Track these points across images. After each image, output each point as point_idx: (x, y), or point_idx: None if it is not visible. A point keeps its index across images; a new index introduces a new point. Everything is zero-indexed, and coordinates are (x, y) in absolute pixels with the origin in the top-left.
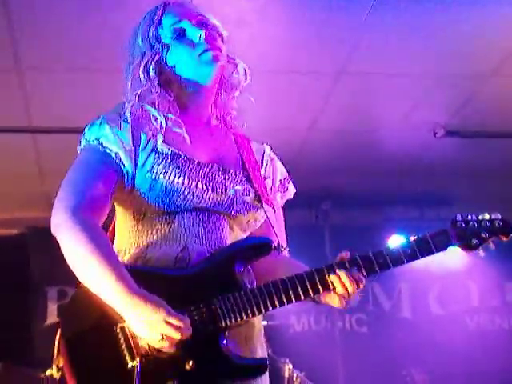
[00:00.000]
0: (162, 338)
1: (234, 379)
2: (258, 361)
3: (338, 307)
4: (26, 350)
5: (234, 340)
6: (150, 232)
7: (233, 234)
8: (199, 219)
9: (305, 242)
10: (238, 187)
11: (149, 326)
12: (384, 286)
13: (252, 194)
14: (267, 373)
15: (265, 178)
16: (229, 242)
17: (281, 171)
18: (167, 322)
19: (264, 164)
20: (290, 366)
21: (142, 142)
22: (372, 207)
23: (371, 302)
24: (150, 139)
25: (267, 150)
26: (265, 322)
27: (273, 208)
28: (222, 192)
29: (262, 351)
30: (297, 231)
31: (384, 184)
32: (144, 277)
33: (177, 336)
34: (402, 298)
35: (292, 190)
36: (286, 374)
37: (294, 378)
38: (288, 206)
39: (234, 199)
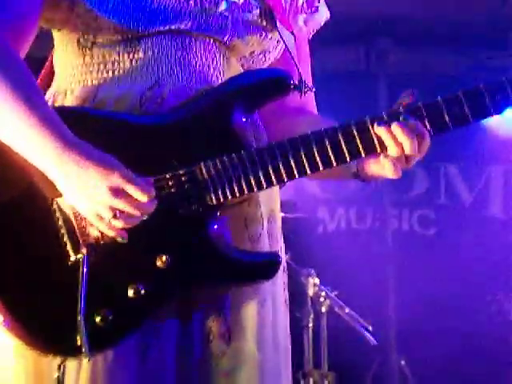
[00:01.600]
0: (114, 216)
1: (227, 282)
2: (266, 256)
3: (390, 177)
4: None
5: (229, 225)
6: (102, 65)
7: (229, 70)
8: (176, 45)
9: (350, 94)
10: None
11: (92, 198)
12: (464, 170)
13: (257, 10)
14: (281, 278)
15: None
16: (223, 79)
17: None
18: (120, 192)
19: None
20: (317, 280)
21: None
22: (455, 46)
23: (443, 193)
24: None
25: None
26: (281, 214)
27: (292, 34)
28: (209, 5)
29: (273, 245)
30: (338, 80)
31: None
32: (89, 124)
33: (134, 213)
34: (491, 188)
35: (325, 13)
36: (311, 292)
37: (322, 299)
38: (324, 44)
39: (229, 17)
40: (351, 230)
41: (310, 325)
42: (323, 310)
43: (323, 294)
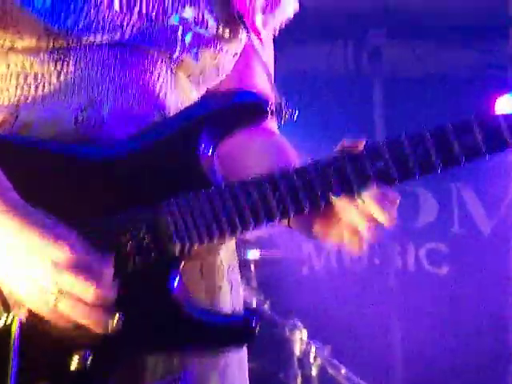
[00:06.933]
0: (56, 306)
1: (189, 348)
2: (239, 318)
3: (352, 250)
4: None
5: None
6: (22, 78)
7: (178, 87)
8: (115, 58)
9: (338, 100)
10: (188, 11)
11: (30, 282)
12: (481, 191)
13: (214, 22)
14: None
15: None
16: (171, 99)
17: None
18: (67, 272)
19: None
20: (305, 333)
21: None
22: (460, 42)
23: (457, 220)
24: None
25: None
26: (256, 253)
27: (258, 38)
28: (156, 18)
29: (234, 299)
30: (324, 82)
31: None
32: (13, 159)
33: (92, 301)
34: None
35: (291, 5)
36: (297, 350)
37: (311, 358)
38: (309, 39)
39: (179, 31)
40: (344, 269)
41: None
42: (314, 372)
43: (313, 350)
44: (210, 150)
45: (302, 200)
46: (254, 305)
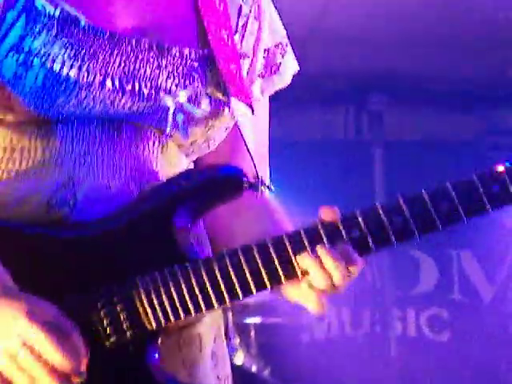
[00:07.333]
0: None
1: None
2: None
3: (314, 312)
4: None
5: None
6: (8, 152)
7: (167, 159)
8: (100, 132)
9: (338, 167)
10: (182, 95)
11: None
12: (482, 258)
13: (206, 99)
14: None
15: (242, 57)
16: (160, 173)
17: (271, 31)
18: (36, 326)
19: (240, 24)
20: None
21: None
22: (460, 107)
23: (457, 287)
24: None
25: None
26: (257, 320)
27: (250, 107)
28: (148, 98)
29: (220, 371)
30: (323, 148)
31: (485, 64)
32: None
33: (65, 370)
34: None
35: (290, 68)
36: None
37: None
38: (309, 103)
39: (171, 109)
40: (345, 337)
41: None
42: None
43: None
44: (187, 226)
45: (278, 271)
46: (254, 371)
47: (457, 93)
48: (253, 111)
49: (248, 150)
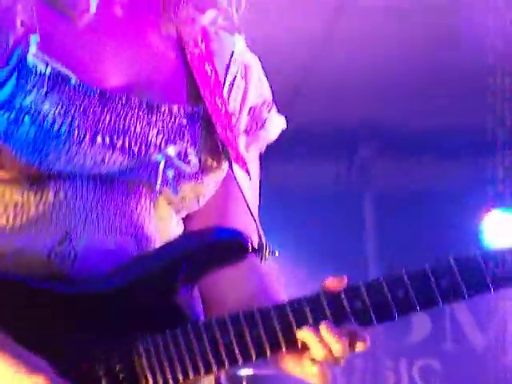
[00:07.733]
0: None
1: None
2: None
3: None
4: None
5: None
6: (3, 207)
7: (158, 214)
8: (94, 188)
9: (329, 215)
10: (171, 150)
11: None
12: (474, 309)
13: (196, 158)
14: None
15: (230, 115)
16: (150, 229)
17: (257, 91)
18: None
19: (227, 82)
20: None
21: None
22: (448, 157)
23: (449, 336)
24: (16, 44)
25: (239, 45)
26: (249, 371)
27: (248, 174)
28: (138, 154)
29: None
30: (316, 197)
31: (472, 113)
32: None
33: None
34: (509, 329)
35: (276, 123)
36: None
37: None
38: (299, 156)
39: (161, 166)
40: None
41: None
42: None
43: None
44: (189, 288)
45: (279, 339)
46: None
47: (447, 143)
48: (250, 176)
49: (251, 214)
